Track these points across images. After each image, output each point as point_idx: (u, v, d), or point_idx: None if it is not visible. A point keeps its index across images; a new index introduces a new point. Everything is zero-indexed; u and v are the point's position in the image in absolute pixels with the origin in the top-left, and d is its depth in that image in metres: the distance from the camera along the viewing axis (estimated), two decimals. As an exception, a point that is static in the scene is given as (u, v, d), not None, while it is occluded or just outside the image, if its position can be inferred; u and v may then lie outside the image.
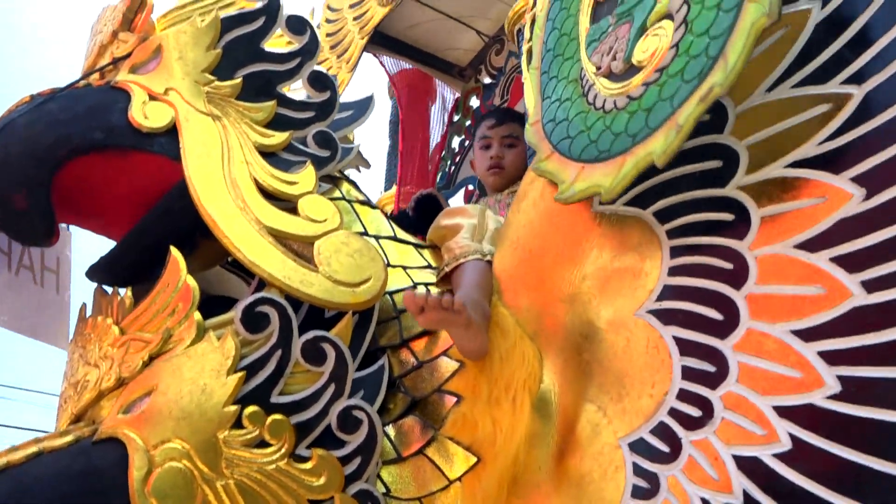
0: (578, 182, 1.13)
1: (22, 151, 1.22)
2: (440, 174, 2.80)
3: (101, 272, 1.33)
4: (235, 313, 1.14)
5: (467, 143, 2.81)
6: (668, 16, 1.04)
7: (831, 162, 0.94)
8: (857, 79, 0.94)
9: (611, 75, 1.15)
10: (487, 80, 2.79)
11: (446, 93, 3.00)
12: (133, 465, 1.01)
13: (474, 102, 2.81)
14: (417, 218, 1.67)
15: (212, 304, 1.24)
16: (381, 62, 2.83)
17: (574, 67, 1.28)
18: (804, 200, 0.96)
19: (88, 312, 1.31)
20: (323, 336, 1.17)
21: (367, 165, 1.64)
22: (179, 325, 1.13)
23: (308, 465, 1.10)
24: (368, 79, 2.82)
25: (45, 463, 1.02)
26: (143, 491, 1.00)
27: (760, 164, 1.01)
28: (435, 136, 2.87)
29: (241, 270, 1.49)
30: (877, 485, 0.82)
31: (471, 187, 2.69)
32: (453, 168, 2.80)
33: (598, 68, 1.18)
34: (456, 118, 2.87)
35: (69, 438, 1.05)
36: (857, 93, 0.93)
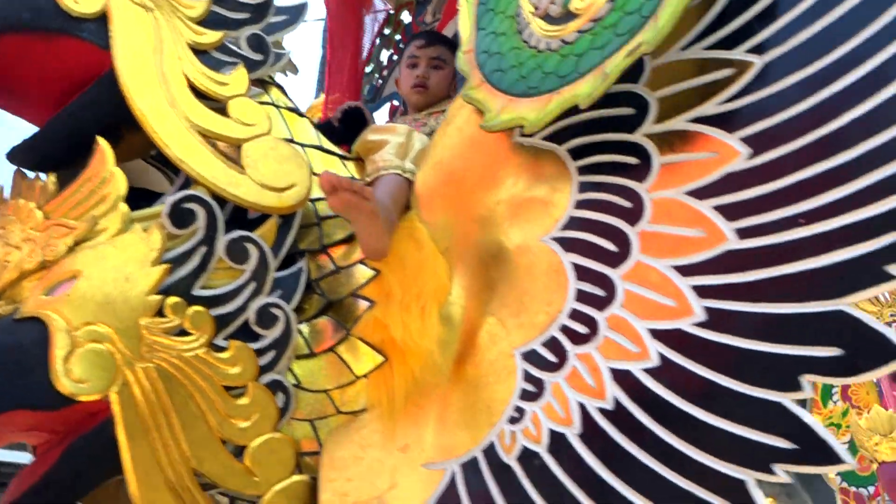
0: (504, 113, 1.21)
1: None
2: (367, 87, 2.80)
3: (23, 155, 1.30)
4: (163, 208, 1.16)
5: (395, 57, 2.80)
6: (609, -27, 1.11)
7: (726, 121, 1.05)
8: (759, 49, 1.05)
9: (547, 17, 1.22)
10: (421, -4, 2.77)
11: (378, 3, 2.96)
12: (55, 345, 1.05)
13: (406, 17, 2.80)
14: (343, 129, 1.71)
15: (133, 196, 1.25)
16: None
17: (512, 3, 1.33)
18: (699, 153, 1.07)
19: (6, 195, 1.29)
20: (247, 236, 1.21)
21: (296, 71, 1.65)
22: (106, 215, 1.15)
23: (225, 355, 1.17)
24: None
25: (-36, 336, 1.03)
26: (64, 369, 1.05)
27: (666, 116, 1.11)
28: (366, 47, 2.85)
29: (163, 164, 1.50)
30: (729, 400, 0.96)
31: (395, 103, 2.71)
32: (380, 82, 2.80)
33: (536, 8, 1.25)
34: (387, 31, 2.85)
35: (-11, 314, 1.07)
36: (758, 62, 1.04)
